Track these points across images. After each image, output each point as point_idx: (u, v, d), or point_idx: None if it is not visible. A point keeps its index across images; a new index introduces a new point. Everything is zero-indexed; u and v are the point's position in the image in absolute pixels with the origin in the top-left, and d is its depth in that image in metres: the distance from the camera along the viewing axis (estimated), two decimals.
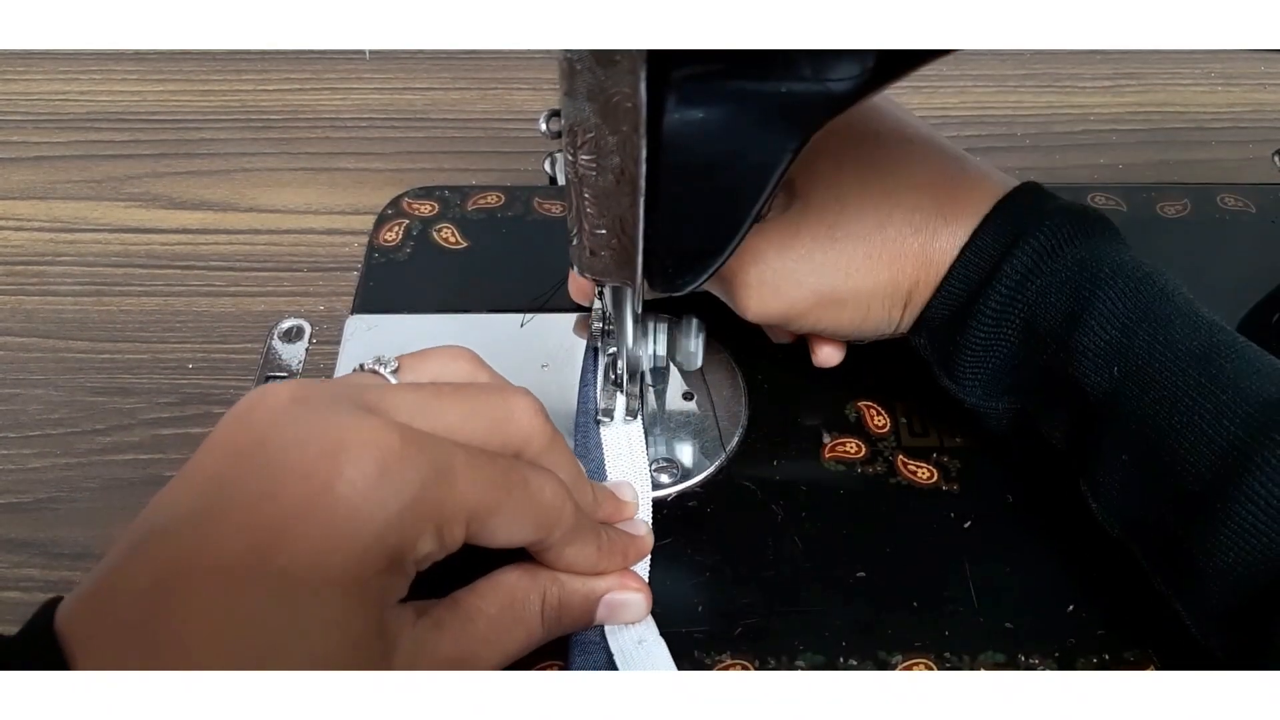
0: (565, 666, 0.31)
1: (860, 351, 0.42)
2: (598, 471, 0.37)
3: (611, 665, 0.31)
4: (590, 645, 0.32)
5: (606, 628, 0.32)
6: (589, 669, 0.31)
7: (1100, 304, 0.32)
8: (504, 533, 0.28)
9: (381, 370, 0.30)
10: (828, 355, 0.39)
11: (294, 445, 0.24)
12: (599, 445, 0.37)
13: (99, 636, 0.23)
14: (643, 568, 0.34)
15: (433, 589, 0.28)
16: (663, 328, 0.38)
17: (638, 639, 0.32)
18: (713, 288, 0.38)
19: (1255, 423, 0.29)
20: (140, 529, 0.25)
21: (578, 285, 0.40)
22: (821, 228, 0.35)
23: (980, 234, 0.34)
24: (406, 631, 0.26)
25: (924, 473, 0.39)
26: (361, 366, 0.30)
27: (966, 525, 0.37)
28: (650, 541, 0.34)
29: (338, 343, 0.43)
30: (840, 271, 0.35)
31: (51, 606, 0.24)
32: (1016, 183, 0.35)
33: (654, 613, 0.33)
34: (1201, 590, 0.30)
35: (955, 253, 0.34)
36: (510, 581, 0.29)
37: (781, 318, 0.36)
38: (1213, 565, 0.29)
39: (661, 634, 0.33)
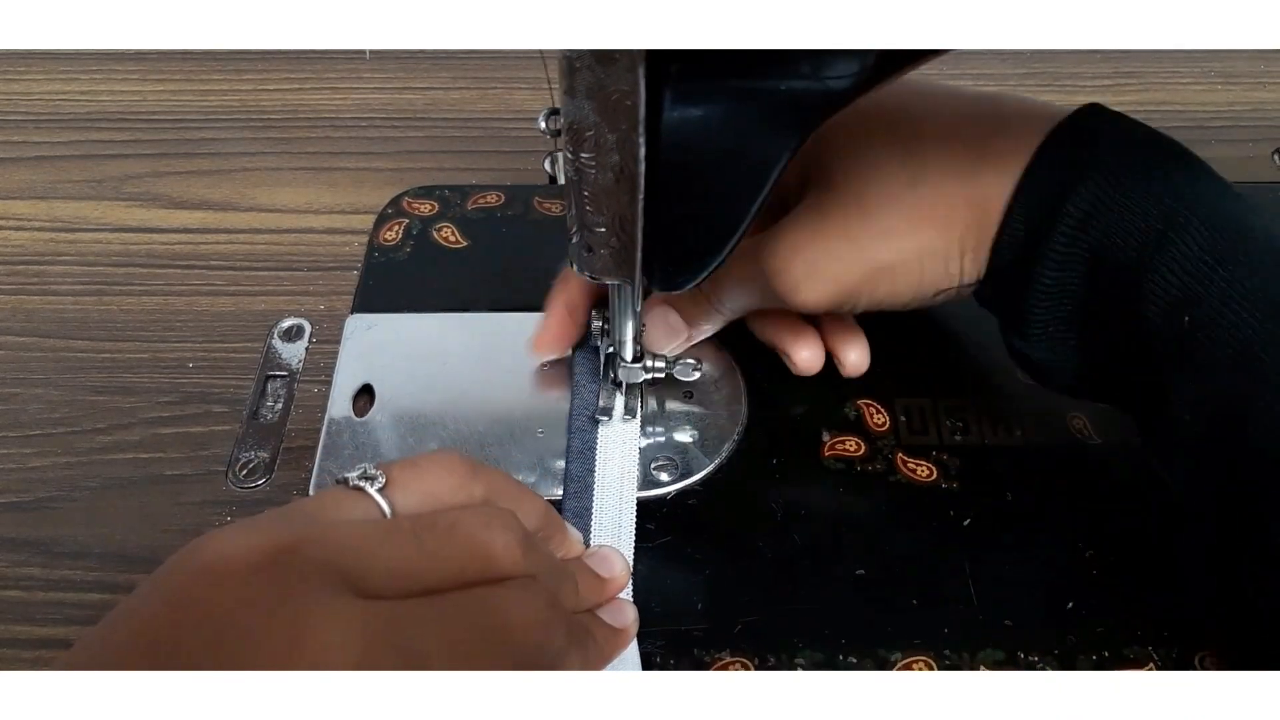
0: None
1: None
2: (589, 473, 0.37)
3: None
4: None
5: None
6: None
7: (1171, 247, 0.29)
8: None
9: (368, 489, 0.27)
10: (855, 364, 0.39)
11: (245, 634, 0.22)
12: (593, 446, 0.37)
13: None
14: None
15: None
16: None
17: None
18: (759, 297, 0.37)
19: None
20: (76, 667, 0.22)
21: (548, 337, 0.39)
22: (850, 202, 0.33)
23: (1035, 169, 0.31)
24: None
25: (924, 470, 0.39)
26: (346, 481, 0.27)
27: (966, 523, 0.37)
28: (634, 627, 0.32)
29: (337, 342, 0.43)
30: (880, 239, 0.33)
31: None
32: (1067, 111, 0.32)
33: (654, 611, 0.33)
34: (1275, 561, 0.28)
35: (1008, 193, 0.31)
36: None
37: (836, 300, 0.35)
38: None
39: (661, 632, 0.33)
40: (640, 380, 0.38)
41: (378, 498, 0.27)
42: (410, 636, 0.23)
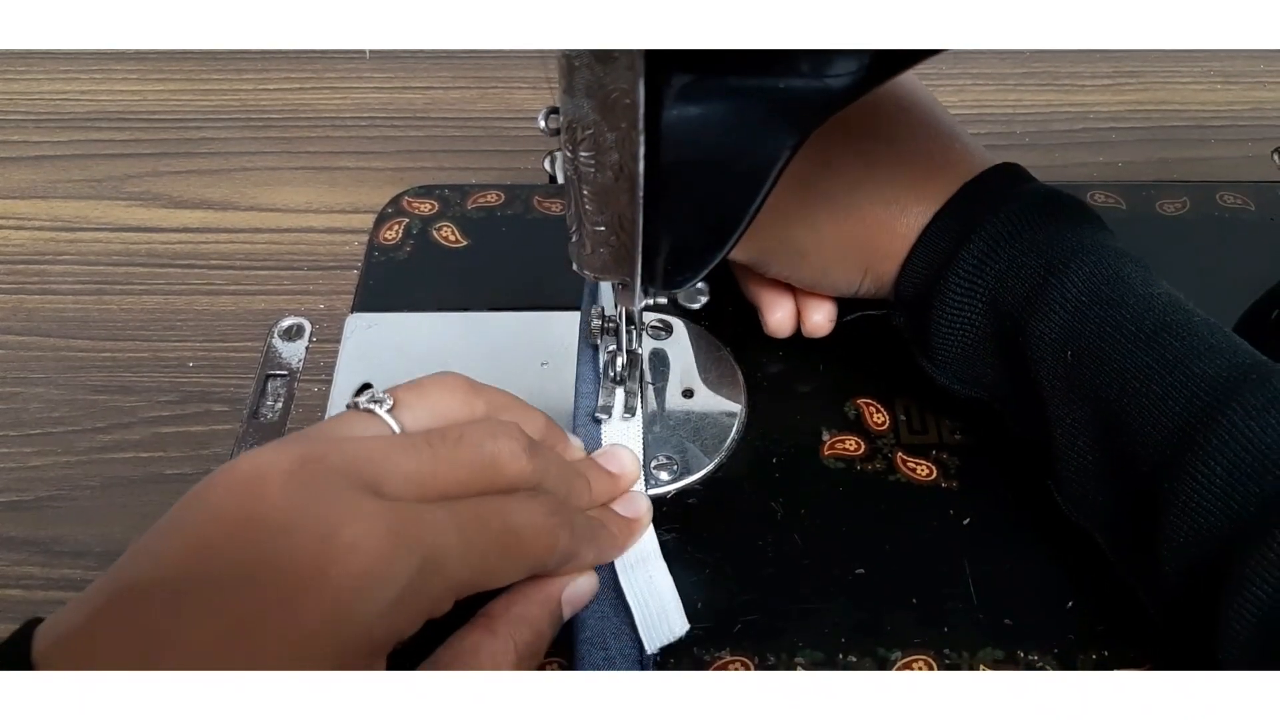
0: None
1: (860, 349, 0.42)
2: None
3: (622, 603, 0.33)
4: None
5: (618, 568, 0.33)
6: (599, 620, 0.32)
7: (1054, 289, 0.32)
8: (499, 584, 0.29)
9: (377, 410, 0.29)
10: (816, 325, 0.40)
11: (283, 532, 0.24)
12: (597, 444, 0.37)
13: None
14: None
15: None
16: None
17: (647, 575, 0.33)
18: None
19: (1200, 403, 0.29)
20: (124, 577, 0.24)
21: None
22: (797, 182, 0.35)
23: (943, 214, 0.34)
24: None
25: (923, 469, 0.39)
26: (356, 405, 0.29)
27: (966, 522, 0.37)
28: (648, 517, 0.35)
29: (338, 341, 0.43)
30: (806, 226, 0.36)
31: (28, 632, 0.23)
32: (993, 163, 0.36)
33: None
34: (1157, 574, 0.30)
35: (920, 229, 0.35)
36: (473, 648, 0.29)
37: (748, 259, 0.38)
38: (1166, 547, 0.29)
39: None
40: (641, 305, 0.37)
41: (387, 418, 0.29)
42: (429, 536, 0.25)
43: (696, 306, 0.40)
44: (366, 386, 0.41)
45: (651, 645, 0.32)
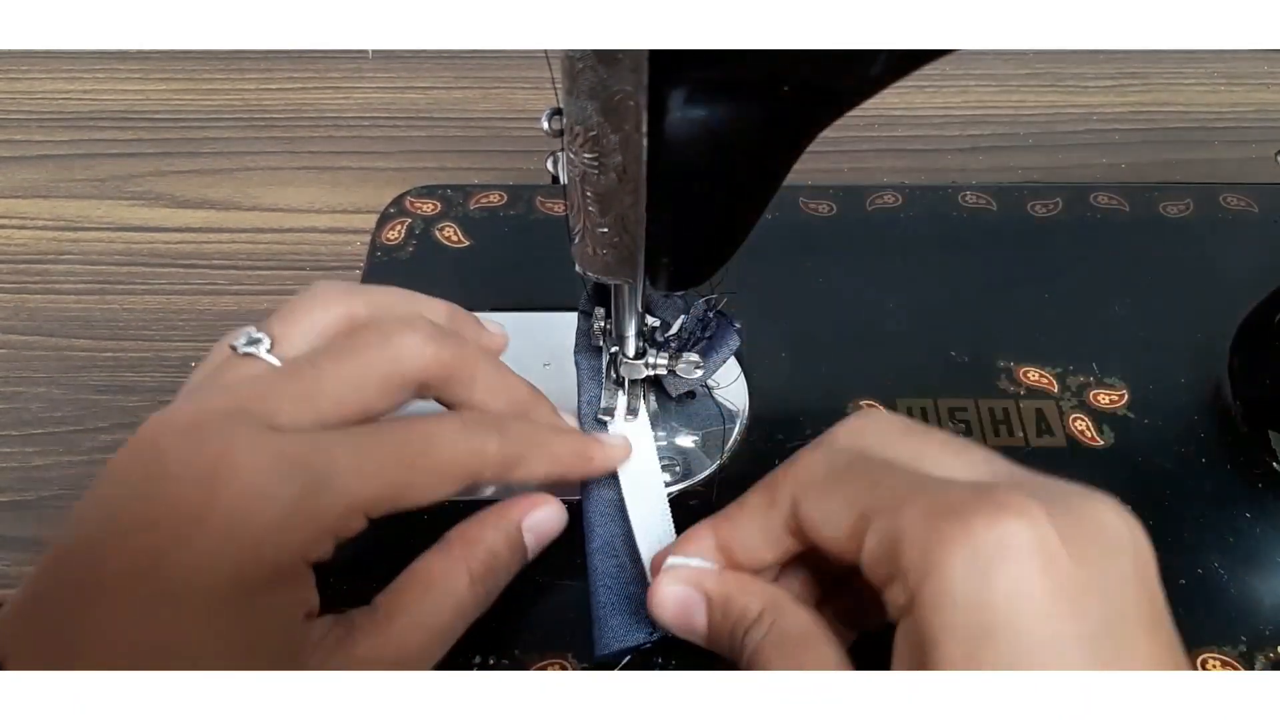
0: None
1: (863, 351, 0.42)
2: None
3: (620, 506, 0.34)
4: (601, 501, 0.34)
5: (620, 477, 0.34)
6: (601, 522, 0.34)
7: None
8: (424, 499, 0.28)
9: (257, 352, 0.29)
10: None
11: (172, 478, 0.25)
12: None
13: (22, 646, 0.24)
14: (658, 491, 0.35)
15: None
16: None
17: (645, 486, 0.34)
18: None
19: None
20: (58, 546, 0.26)
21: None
22: None
23: None
24: (314, 642, 0.26)
25: None
26: (234, 348, 0.29)
27: None
28: (623, 450, 0.34)
29: None
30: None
31: None
32: None
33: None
34: None
35: None
36: (426, 568, 0.29)
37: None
38: None
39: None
40: (641, 376, 0.37)
41: (268, 358, 0.29)
42: (314, 455, 0.26)
43: (696, 375, 0.39)
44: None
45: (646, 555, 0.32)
